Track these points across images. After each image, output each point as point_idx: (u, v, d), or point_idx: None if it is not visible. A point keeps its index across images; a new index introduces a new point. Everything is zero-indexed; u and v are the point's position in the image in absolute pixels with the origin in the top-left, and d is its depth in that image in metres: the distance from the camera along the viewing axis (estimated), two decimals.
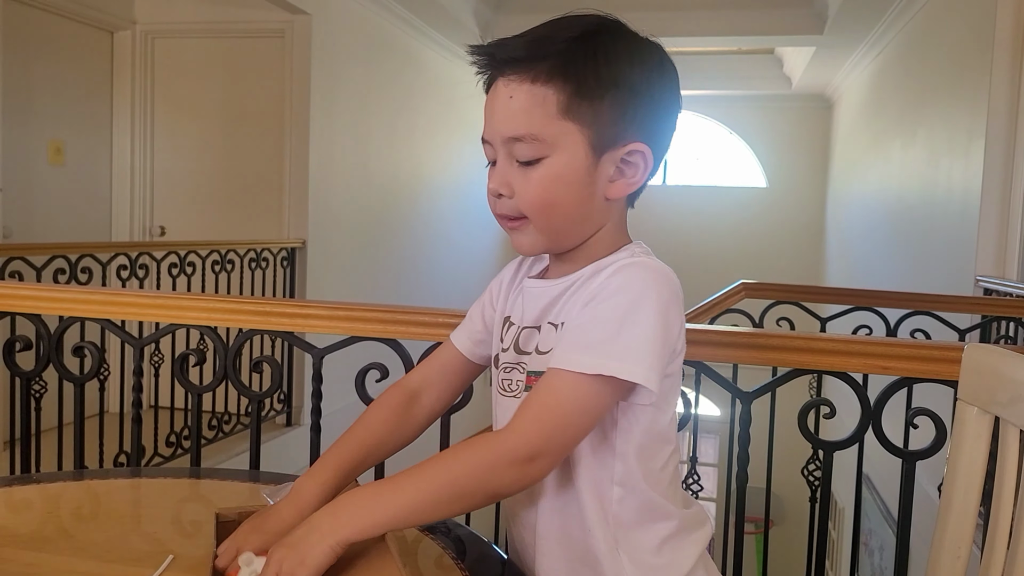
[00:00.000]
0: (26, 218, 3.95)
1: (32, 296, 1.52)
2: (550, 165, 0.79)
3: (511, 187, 0.81)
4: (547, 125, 0.78)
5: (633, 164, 0.81)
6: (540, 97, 0.78)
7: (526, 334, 0.86)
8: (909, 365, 1.15)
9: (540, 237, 0.83)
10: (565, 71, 0.77)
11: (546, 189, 0.80)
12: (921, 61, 4.56)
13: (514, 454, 0.73)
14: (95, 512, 1.07)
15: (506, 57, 0.79)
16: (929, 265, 4.15)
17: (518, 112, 0.79)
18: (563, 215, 0.81)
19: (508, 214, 0.83)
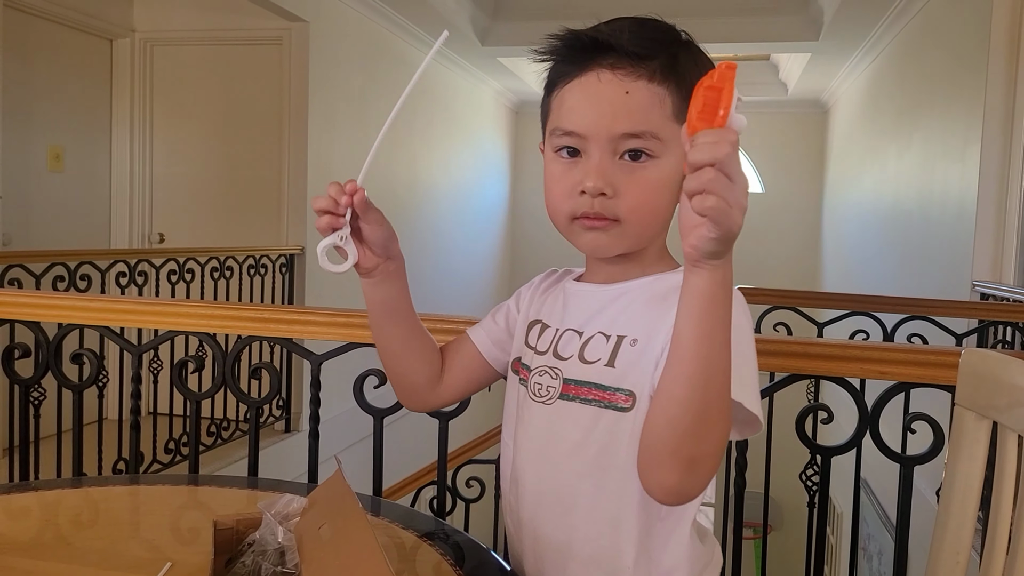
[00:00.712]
0: (25, 225, 3.95)
1: (31, 303, 1.53)
2: (660, 167, 0.78)
3: (615, 187, 0.78)
4: (664, 125, 0.77)
5: None
6: (659, 96, 0.77)
7: (567, 337, 0.84)
8: (906, 370, 1.15)
9: (625, 240, 0.80)
10: (675, 74, 0.77)
11: (653, 192, 0.78)
12: (916, 67, 4.57)
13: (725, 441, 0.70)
14: (94, 519, 1.07)
15: (624, 48, 0.77)
16: (925, 270, 4.16)
17: (637, 109, 0.76)
18: (658, 219, 0.80)
19: (604, 215, 0.79)
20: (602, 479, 0.80)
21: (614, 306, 0.82)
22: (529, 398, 0.86)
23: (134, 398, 1.50)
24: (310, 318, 1.38)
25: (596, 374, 0.80)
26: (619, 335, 0.80)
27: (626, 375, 0.78)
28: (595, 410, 0.80)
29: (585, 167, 0.79)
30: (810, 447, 1.31)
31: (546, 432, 0.84)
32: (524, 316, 0.92)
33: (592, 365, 0.80)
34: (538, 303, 0.91)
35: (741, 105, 0.68)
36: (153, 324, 1.46)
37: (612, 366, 0.79)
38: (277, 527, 0.85)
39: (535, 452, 0.85)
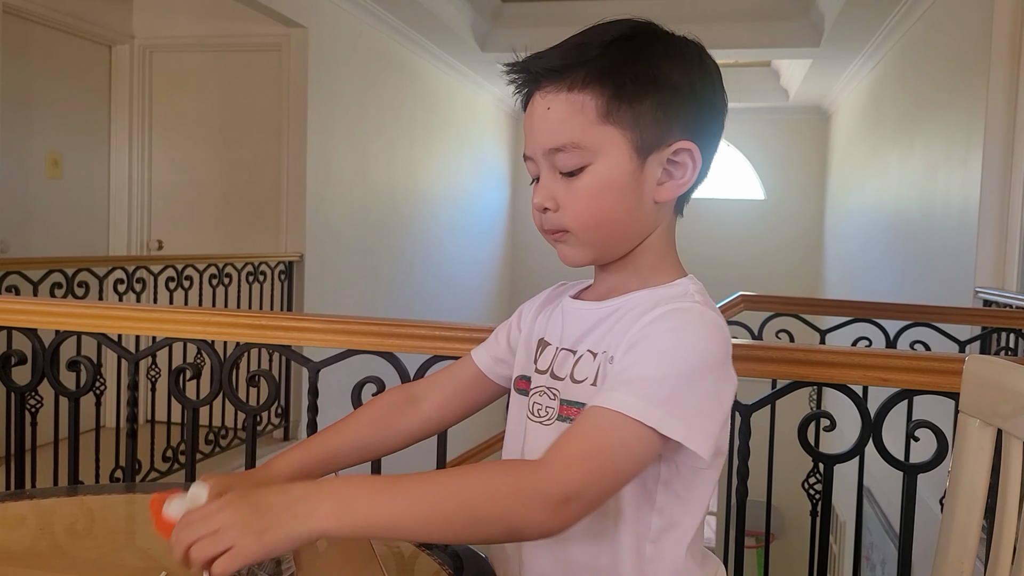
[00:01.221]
0: (23, 232, 3.95)
1: (27, 310, 1.52)
2: (594, 173, 0.77)
3: (556, 201, 0.79)
4: (587, 132, 0.76)
5: (681, 164, 0.79)
6: (578, 104, 0.76)
7: (563, 357, 0.82)
8: (910, 377, 1.14)
9: (585, 249, 0.81)
10: (602, 76, 0.76)
11: (591, 198, 0.78)
12: (918, 73, 4.57)
13: (550, 491, 0.65)
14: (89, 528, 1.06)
15: (541, 68, 0.78)
16: (928, 277, 4.15)
17: (556, 122, 0.77)
18: (610, 223, 0.79)
19: (553, 228, 0.81)
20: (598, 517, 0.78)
21: (605, 324, 0.80)
22: (529, 418, 0.84)
23: (131, 405, 1.49)
24: (308, 325, 1.37)
25: (585, 394, 0.79)
26: (603, 351, 0.78)
27: None
28: None
29: (536, 188, 0.81)
30: (812, 455, 1.30)
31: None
32: (527, 334, 0.90)
33: (581, 385, 0.79)
34: (543, 320, 0.90)
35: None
36: (150, 331, 1.45)
37: (595, 385, 0.78)
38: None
39: None
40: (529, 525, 0.65)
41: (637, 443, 0.68)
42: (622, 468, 0.68)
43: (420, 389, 0.97)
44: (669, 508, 0.77)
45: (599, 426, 0.68)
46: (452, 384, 0.97)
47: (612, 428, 0.68)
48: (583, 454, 0.67)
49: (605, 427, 0.68)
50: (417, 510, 0.64)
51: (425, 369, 1.35)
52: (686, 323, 0.73)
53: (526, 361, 0.89)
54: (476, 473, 0.67)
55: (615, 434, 0.68)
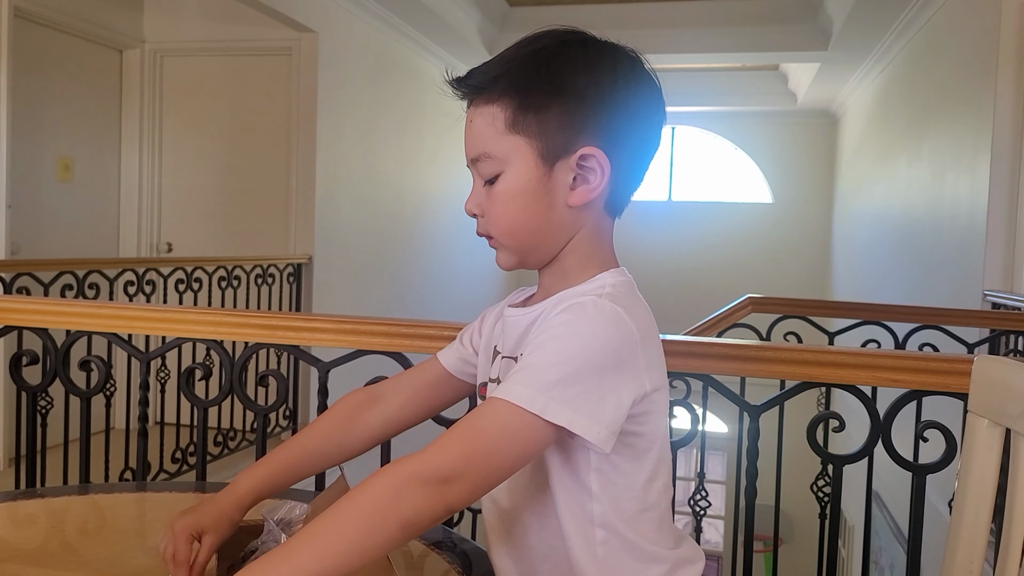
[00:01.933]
0: (34, 234, 3.97)
1: (38, 310, 1.53)
2: (505, 181, 0.81)
3: (480, 207, 0.84)
4: (497, 142, 0.80)
5: (590, 169, 0.80)
6: (490, 116, 0.80)
7: (505, 365, 0.85)
8: (919, 378, 1.14)
9: (511, 254, 0.84)
10: (510, 88, 0.79)
11: (504, 204, 0.81)
12: (926, 76, 4.56)
13: (426, 473, 0.66)
14: (100, 527, 1.06)
15: (468, 84, 0.82)
16: (936, 280, 4.14)
17: (475, 133, 0.82)
18: (522, 228, 0.82)
19: (483, 233, 0.85)
20: (538, 495, 0.81)
21: (533, 328, 0.81)
22: None
23: (141, 405, 1.50)
24: (318, 325, 1.37)
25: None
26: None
27: None
28: None
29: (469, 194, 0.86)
30: (822, 456, 1.30)
31: None
32: (486, 340, 0.92)
33: None
34: (492, 328, 0.92)
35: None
36: (161, 331, 1.46)
37: None
38: (280, 534, 0.84)
39: None
40: (415, 511, 0.66)
41: (519, 427, 0.69)
42: (501, 449, 0.69)
43: (383, 389, 0.97)
44: (606, 493, 0.78)
45: (480, 414, 0.71)
46: (415, 383, 0.98)
47: (491, 413, 0.70)
48: (459, 436, 0.69)
49: (485, 413, 0.70)
50: (325, 545, 0.64)
51: None
52: (579, 314, 0.74)
53: (485, 369, 0.91)
54: (362, 483, 0.68)
55: (493, 417, 0.70)
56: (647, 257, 7.41)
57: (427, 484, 0.66)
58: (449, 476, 0.67)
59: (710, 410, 1.53)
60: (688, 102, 7.55)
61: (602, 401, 0.71)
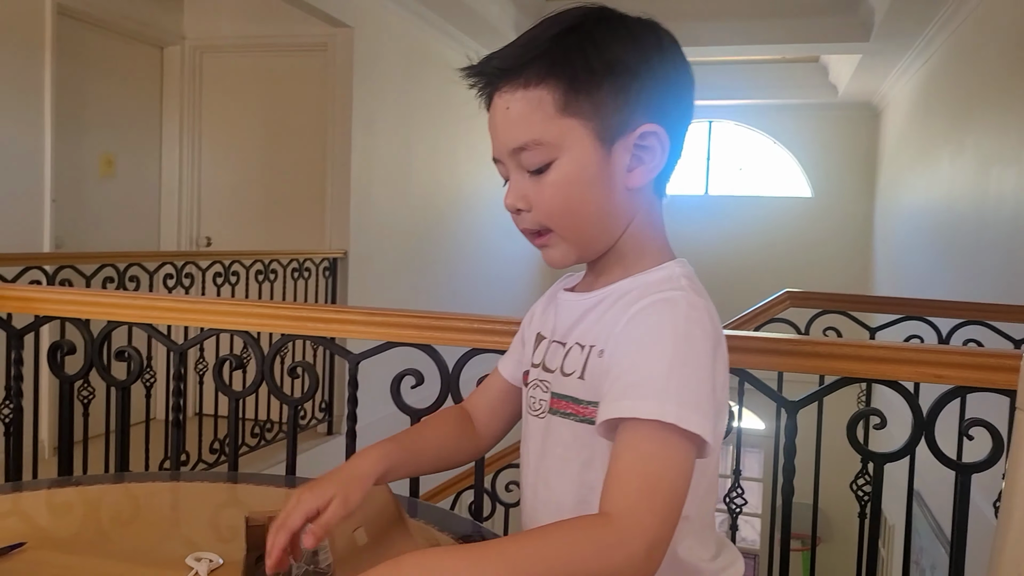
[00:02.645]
0: (78, 228, 4.05)
1: (77, 301, 1.55)
2: (560, 167, 0.76)
3: (528, 200, 0.78)
4: (548, 127, 0.75)
5: (649, 148, 0.76)
6: (536, 100, 0.75)
7: (553, 349, 0.82)
8: (964, 373, 1.10)
9: (569, 247, 0.79)
10: (555, 68, 0.74)
11: (562, 193, 0.76)
12: (970, 68, 4.44)
13: (635, 551, 0.62)
14: (134, 516, 1.07)
15: (496, 68, 0.77)
16: (981, 275, 4.03)
17: (517, 121, 0.76)
18: (585, 216, 0.77)
19: (531, 228, 0.79)
20: (587, 496, 0.77)
21: (591, 315, 0.79)
22: (528, 411, 0.84)
23: (176, 395, 1.52)
24: (349, 317, 1.37)
25: (573, 387, 0.78)
26: (591, 345, 0.77)
27: (596, 387, 0.74)
28: (573, 424, 0.77)
29: (507, 188, 0.80)
30: (862, 453, 1.26)
31: (540, 446, 0.82)
32: (533, 329, 0.90)
33: (569, 378, 0.78)
34: (542, 316, 0.89)
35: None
36: (195, 322, 1.47)
37: (583, 379, 0.77)
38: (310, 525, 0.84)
39: (532, 466, 0.84)
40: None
41: (680, 455, 0.66)
42: (682, 490, 0.66)
43: (469, 407, 0.97)
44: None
45: (644, 451, 0.66)
46: (487, 400, 0.96)
47: (656, 450, 0.66)
48: (649, 494, 0.65)
49: (649, 451, 0.66)
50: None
51: (464, 362, 1.34)
52: (674, 313, 0.71)
53: (528, 355, 0.88)
54: (553, 537, 0.64)
55: (665, 457, 0.66)
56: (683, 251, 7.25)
57: (636, 562, 0.62)
58: (654, 545, 0.63)
59: (747, 407, 1.50)
60: (726, 96, 7.45)
61: (711, 403, 0.69)
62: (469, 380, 1.33)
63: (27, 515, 1.05)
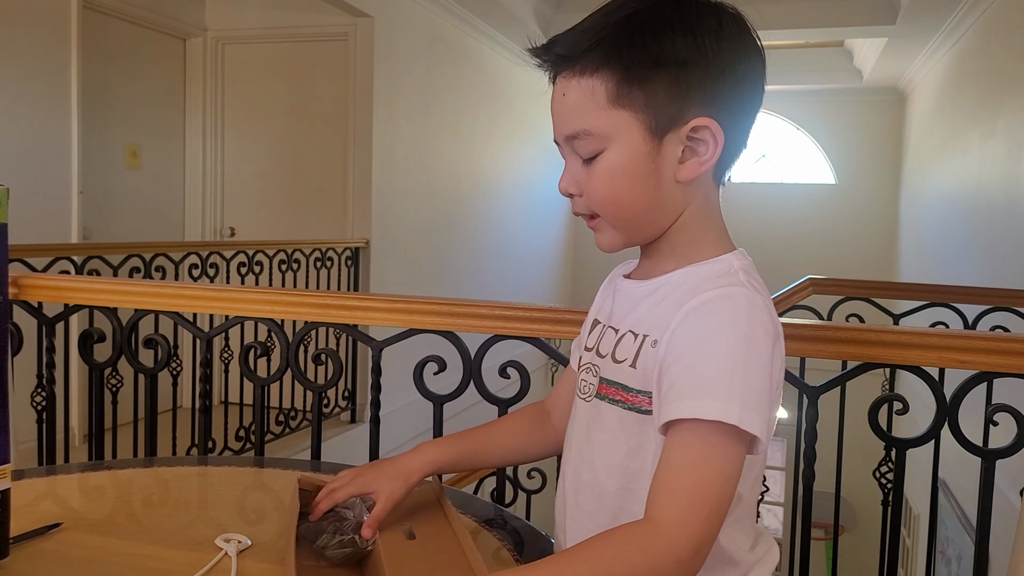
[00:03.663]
0: (104, 219, 4.11)
1: (106, 289, 1.58)
2: (608, 158, 0.75)
3: (579, 185, 0.78)
4: (598, 118, 0.74)
5: (702, 141, 0.75)
6: (589, 90, 0.75)
7: (607, 334, 0.82)
8: (989, 359, 1.09)
9: (616, 233, 0.79)
10: (609, 59, 0.73)
11: (608, 183, 0.76)
12: (1001, 49, 4.36)
13: (682, 554, 0.65)
14: (164, 499, 1.09)
15: (556, 55, 0.77)
16: (1010, 263, 3.97)
17: (571, 109, 0.76)
18: (631, 207, 0.77)
19: (583, 213, 0.81)
20: (630, 483, 0.77)
21: (646, 303, 0.79)
22: (576, 394, 0.85)
23: (203, 382, 1.54)
24: (371, 304, 1.39)
25: (623, 375, 0.78)
26: (644, 334, 0.77)
27: (647, 377, 0.75)
28: (620, 411, 0.77)
29: (562, 171, 0.81)
30: (885, 439, 1.26)
31: (585, 429, 0.82)
32: (591, 315, 0.90)
33: (620, 365, 0.78)
34: (600, 300, 0.89)
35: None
36: (221, 310, 1.49)
37: (635, 367, 0.76)
38: (357, 500, 0.86)
39: (575, 449, 0.84)
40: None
41: (729, 457, 0.67)
42: (728, 494, 0.68)
43: (547, 403, 0.99)
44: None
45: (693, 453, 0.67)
46: (560, 392, 0.96)
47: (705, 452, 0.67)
48: (692, 498, 0.66)
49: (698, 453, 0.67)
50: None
51: (486, 348, 1.35)
52: (736, 311, 0.70)
53: (583, 339, 0.89)
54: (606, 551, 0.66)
55: (712, 459, 0.67)
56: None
57: (684, 566, 0.65)
58: (699, 547, 0.65)
59: None
60: None
61: (768, 401, 0.70)
62: (491, 367, 1.34)
63: (61, 498, 1.08)
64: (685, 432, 0.68)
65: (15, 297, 1.58)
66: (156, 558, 0.87)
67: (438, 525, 0.78)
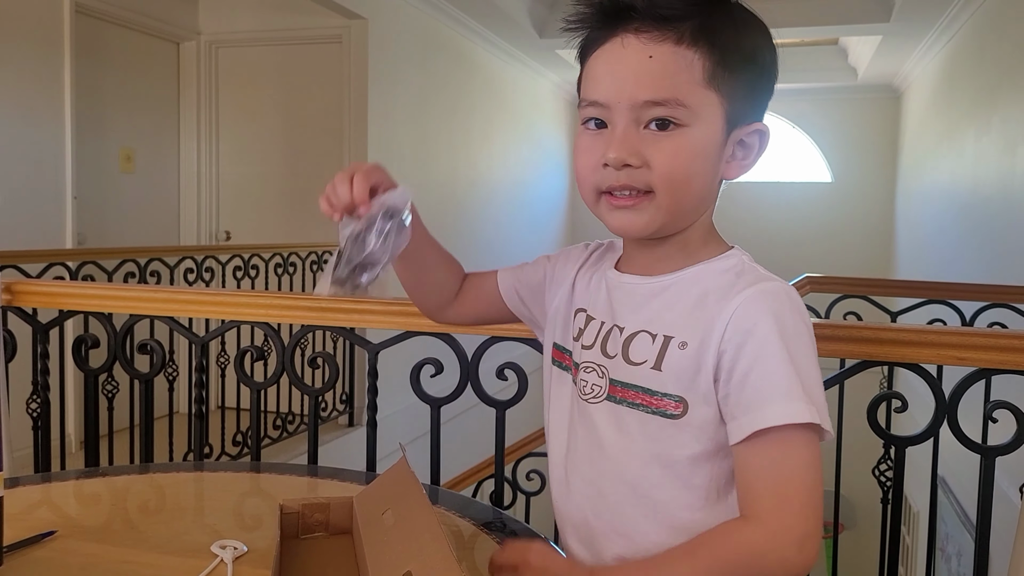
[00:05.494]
0: (99, 224, 4.09)
1: (100, 295, 1.57)
2: (690, 135, 0.73)
3: (641, 156, 0.73)
4: (693, 92, 0.72)
5: (749, 145, 0.77)
6: (687, 61, 0.71)
7: (613, 334, 0.79)
8: (987, 355, 1.09)
9: (660, 215, 0.74)
10: (711, 36, 0.72)
11: (687, 161, 0.73)
12: (995, 46, 4.37)
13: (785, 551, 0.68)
14: (160, 505, 1.09)
15: (657, 12, 0.72)
16: (1007, 259, 3.98)
17: (661, 74, 0.71)
18: (693, 191, 0.75)
19: (634, 186, 0.74)
20: (649, 491, 0.76)
21: (657, 301, 0.77)
22: (579, 396, 0.82)
23: (198, 387, 1.53)
24: (368, 307, 1.38)
25: (643, 377, 0.75)
26: (666, 335, 0.75)
27: (675, 380, 0.74)
28: (642, 415, 0.75)
29: (609, 138, 0.74)
30: (883, 437, 1.25)
31: (595, 434, 0.79)
32: (565, 298, 0.88)
33: (638, 367, 0.76)
34: (582, 285, 0.87)
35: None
36: (216, 314, 1.49)
37: (659, 369, 0.75)
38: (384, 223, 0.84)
39: (585, 453, 0.81)
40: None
41: (814, 455, 0.70)
42: (816, 482, 0.70)
43: (469, 281, 1.01)
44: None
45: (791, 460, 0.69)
46: (478, 301, 1.00)
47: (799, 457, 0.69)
48: (785, 499, 0.68)
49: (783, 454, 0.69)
50: None
51: (483, 350, 1.35)
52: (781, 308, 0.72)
53: (563, 332, 0.86)
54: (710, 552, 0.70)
55: (796, 458, 0.69)
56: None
57: (792, 563, 0.67)
58: (804, 540, 0.68)
59: None
60: None
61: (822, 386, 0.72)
62: (488, 369, 1.34)
63: (57, 505, 1.07)
64: (771, 437, 0.69)
65: (8, 303, 1.57)
66: (152, 565, 0.86)
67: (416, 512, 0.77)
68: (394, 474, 0.86)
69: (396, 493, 0.82)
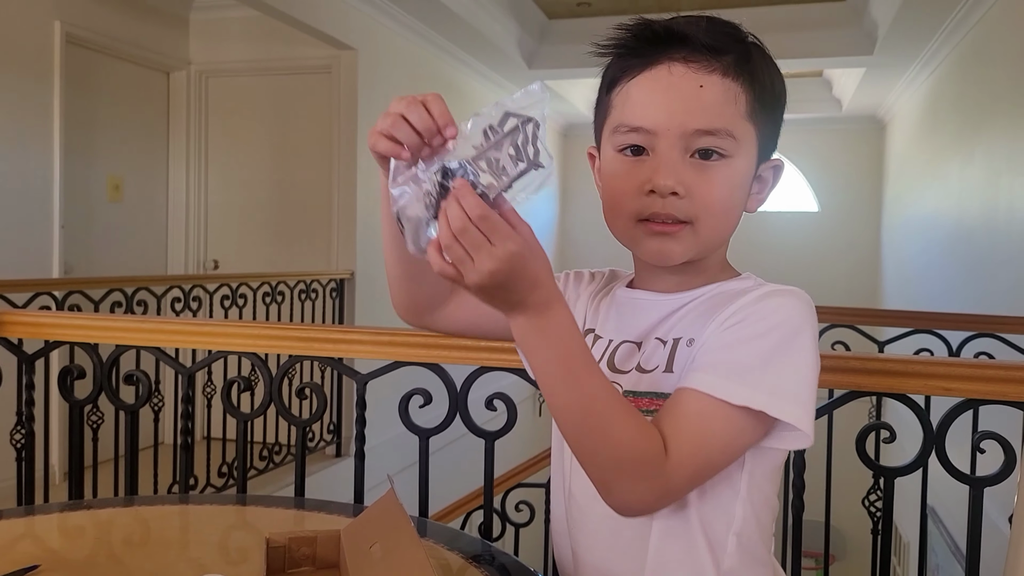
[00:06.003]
0: (86, 253, 4.08)
1: (86, 325, 1.56)
2: (732, 167, 0.74)
3: (686, 186, 0.73)
4: (736, 124, 0.74)
5: (765, 179, 0.80)
6: (733, 93, 0.74)
7: (624, 350, 0.80)
8: (974, 386, 1.09)
9: (696, 245, 0.76)
10: (751, 72, 0.75)
11: (730, 192, 0.75)
12: (977, 78, 4.45)
13: (660, 488, 0.68)
14: (144, 539, 1.07)
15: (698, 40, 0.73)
16: (992, 287, 4.01)
17: (712, 104, 0.73)
18: (729, 223, 0.78)
19: (678, 216, 0.74)
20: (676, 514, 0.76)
21: (678, 314, 0.78)
22: None
23: (185, 418, 1.52)
24: (356, 337, 1.38)
25: (655, 382, 0.76)
26: (675, 338, 0.76)
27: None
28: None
29: (653, 164, 0.74)
30: (872, 468, 1.25)
31: None
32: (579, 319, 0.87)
33: (650, 374, 0.77)
34: (591, 308, 0.87)
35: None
36: (203, 344, 1.48)
37: (671, 371, 0.75)
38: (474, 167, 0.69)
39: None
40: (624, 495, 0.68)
41: (734, 431, 0.69)
42: (717, 461, 0.70)
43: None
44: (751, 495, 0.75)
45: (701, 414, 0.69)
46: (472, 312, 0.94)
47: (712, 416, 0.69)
48: (693, 451, 0.68)
49: (706, 414, 0.69)
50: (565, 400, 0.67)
51: (472, 380, 1.34)
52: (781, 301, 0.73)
53: None
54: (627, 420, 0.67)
55: (716, 424, 0.69)
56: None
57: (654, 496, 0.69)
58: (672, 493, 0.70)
59: None
60: None
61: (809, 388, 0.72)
62: (478, 399, 1.33)
63: (40, 538, 1.06)
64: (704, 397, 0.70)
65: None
66: None
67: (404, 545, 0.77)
68: (382, 506, 0.85)
69: (384, 526, 0.82)
